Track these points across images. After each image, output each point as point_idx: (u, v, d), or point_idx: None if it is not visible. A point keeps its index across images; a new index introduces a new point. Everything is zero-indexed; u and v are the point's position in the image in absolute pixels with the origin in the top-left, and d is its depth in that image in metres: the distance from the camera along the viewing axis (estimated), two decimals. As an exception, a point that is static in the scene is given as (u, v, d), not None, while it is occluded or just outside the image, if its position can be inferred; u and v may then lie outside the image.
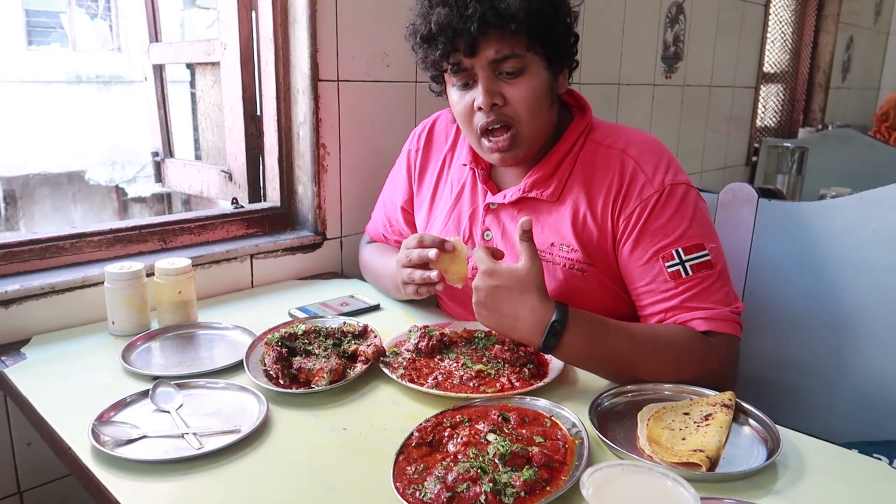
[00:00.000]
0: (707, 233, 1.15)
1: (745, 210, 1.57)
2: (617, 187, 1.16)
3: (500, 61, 1.12)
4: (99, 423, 0.93)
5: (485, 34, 1.09)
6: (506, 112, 1.15)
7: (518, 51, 1.11)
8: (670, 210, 1.14)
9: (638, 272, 1.16)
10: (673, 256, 1.12)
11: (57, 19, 10.46)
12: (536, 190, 1.22)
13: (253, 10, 1.66)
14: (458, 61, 1.13)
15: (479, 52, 1.11)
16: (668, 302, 1.12)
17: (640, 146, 1.19)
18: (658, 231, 1.13)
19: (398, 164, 1.51)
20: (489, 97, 1.13)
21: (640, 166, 1.16)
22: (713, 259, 1.13)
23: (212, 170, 1.90)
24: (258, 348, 1.16)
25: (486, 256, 1.04)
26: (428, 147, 1.44)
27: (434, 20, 1.11)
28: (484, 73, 1.13)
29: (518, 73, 1.13)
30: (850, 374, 1.47)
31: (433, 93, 1.28)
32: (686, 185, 1.16)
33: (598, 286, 1.20)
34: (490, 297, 1.02)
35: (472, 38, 1.09)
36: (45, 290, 1.30)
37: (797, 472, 0.86)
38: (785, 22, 4.22)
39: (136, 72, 9.27)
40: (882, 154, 3.23)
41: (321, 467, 0.87)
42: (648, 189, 1.14)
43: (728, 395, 0.99)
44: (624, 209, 1.16)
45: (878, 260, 1.39)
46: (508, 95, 1.14)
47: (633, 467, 0.73)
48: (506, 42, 1.10)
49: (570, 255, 1.19)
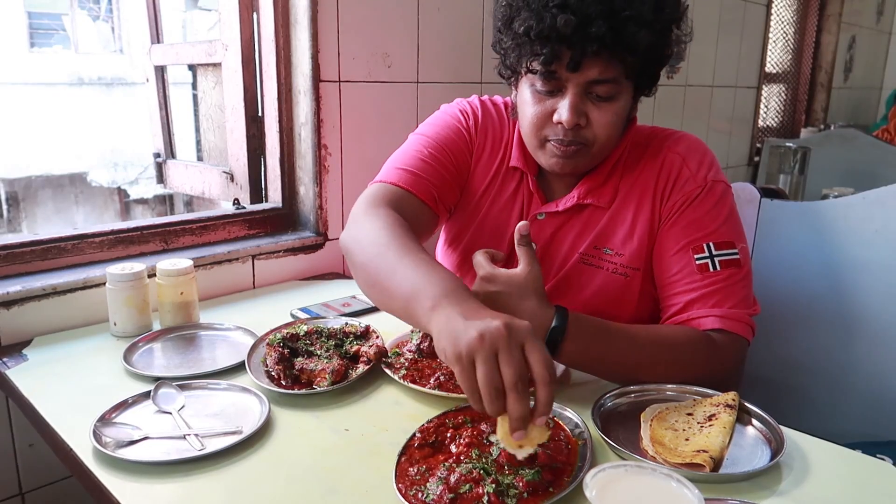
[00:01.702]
0: (739, 234, 1.16)
1: (748, 210, 1.57)
2: (664, 181, 1.17)
3: (597, 83, 1.06)
4: (100, 424, 0.93)
5: (596, 55, 1.02)
6: (584, 134, 1.10)
7: (619, 78, 1.07)
8: (708, 205, 1.15)
9: (668, 261, 1.16)
10: (703, 249, 1.13)
11: (59, 21, 10.48)
12: (592, 197, 1.20)
13: (254, 11, 1.66)
14: (554, 70, 1.05)
15: (581, 69, 1.04)
16: (691, 294, 1.12)
17: (685, 144, 1.20)
18: (693, 223, 1.14)
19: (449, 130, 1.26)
20: (575, 117, 1.07)
21: (685, 162, 1.17)
22: (741, 259, 1.13)
23: (213, 171, 1.90)
24: (260, 349, 1.15)
25: (485, 261, 1.01)
26: (485, 130, 1.27)
27: (549, 22, 1.01)
28: (576, 90, 1.06)
29: (608, 100, 1.09)
30: (853, 373, 1.47)
31: (500, 76, 1.19)
32: (725, 185, 1.18)
33: (639, 291, 1.20)
34: (488, 303, 0.97)
35: (583, 55, 1.02)
36: (47, 291, 1.30)
37: (801, 472, 0.86)
38: (787, 22, 4.22)
39: (137, 74, 9.29)
40: (885, 154, 3.23)
41: (323, 468, 0.87)
42: (692, 183, 1.16)
43: (731, 396, 0.98)
44: (668, 200, 1.16)
45: (882, 259, 1.39)
46: (593, 118, 1.09)
47: (636, 468, 0.73)
48: (611, 67, 1.04)
49: (615, 260, 1.19)
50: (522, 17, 1.05)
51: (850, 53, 4.84)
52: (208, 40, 1.81)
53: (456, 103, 1.32)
